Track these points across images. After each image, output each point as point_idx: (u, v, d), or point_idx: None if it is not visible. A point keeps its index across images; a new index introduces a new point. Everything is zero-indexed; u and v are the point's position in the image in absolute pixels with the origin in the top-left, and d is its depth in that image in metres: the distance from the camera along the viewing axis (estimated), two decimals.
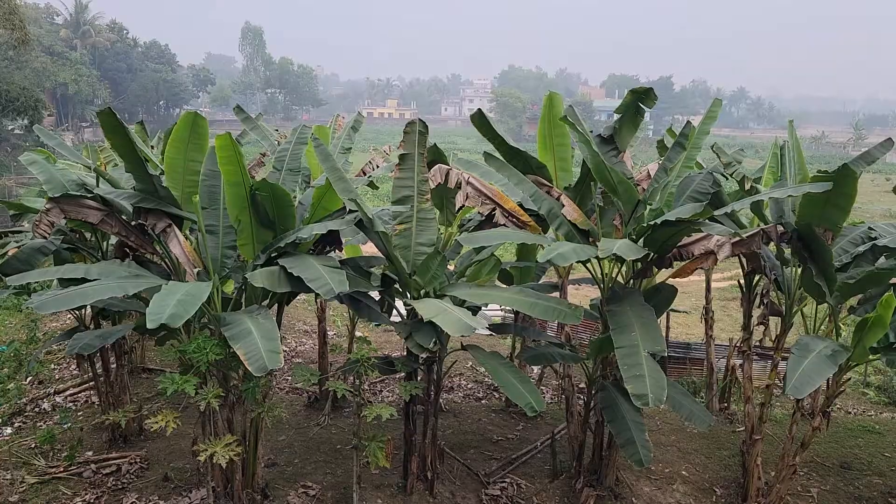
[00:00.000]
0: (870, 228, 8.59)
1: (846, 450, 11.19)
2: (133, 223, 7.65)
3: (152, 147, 11.54)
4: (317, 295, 6.59)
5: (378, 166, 10.84)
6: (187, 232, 7.82)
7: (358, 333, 12.44)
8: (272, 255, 7.17)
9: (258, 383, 6.89)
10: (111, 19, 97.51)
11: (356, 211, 7.39)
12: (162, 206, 7.36)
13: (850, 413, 13.52)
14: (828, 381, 8.13)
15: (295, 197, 8.22)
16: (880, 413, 13.71)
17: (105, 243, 8.98)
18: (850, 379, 8.47)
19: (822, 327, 8.66)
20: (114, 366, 9.60)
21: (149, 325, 5.43)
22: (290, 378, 12.80)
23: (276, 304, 8.08)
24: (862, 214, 37.80)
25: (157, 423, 6.54)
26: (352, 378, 7.81)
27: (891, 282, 8.18)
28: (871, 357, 7.66)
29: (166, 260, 7.76)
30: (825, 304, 8.17)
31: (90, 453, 9.27)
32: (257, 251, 7.37)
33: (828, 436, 11.40)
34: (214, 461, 6.58)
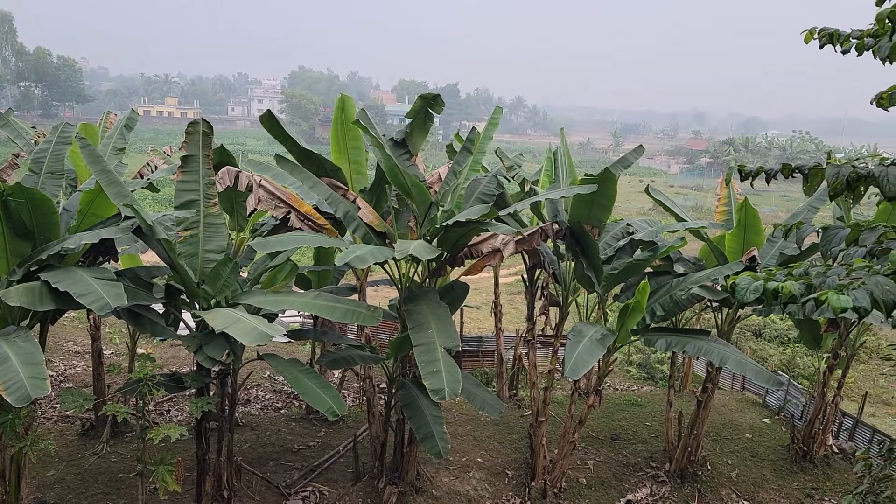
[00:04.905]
0: (628, 224, 9.79)
1: (615, 423, 12.61)
2: None
3: None
4: (89, 311, 5.94)
5: (158, 168, 10.05)
6: None
7: (140, 350, 11.41)
8: (31, 268, 6.38)
9: (18, 415, 6.09)
10: None
11: (133, 217, 6.80)
12: None
13: (617, 390, 15.26)
14: (599, 362, 9.11)
15: (58, 203, 7.36)
16: (641, 387, 15.65)
17: None
18: (616, 359, 9.56)
19: (593, 314, 9.67)
20: None
21: None
22: (58, 405, 11.38)
23: (39, 324, 7.17)
24: (622, 212, 42.70)
25: None
26: (134, 399, 7.18)
27: (646, 271, 9.40)
28: (632, 338, 8.72)
29: None
30: (595, 294, 9.14)
31: None
32: (12, 265, 6.52)
33: (600, 411, 12.76)
34: None
